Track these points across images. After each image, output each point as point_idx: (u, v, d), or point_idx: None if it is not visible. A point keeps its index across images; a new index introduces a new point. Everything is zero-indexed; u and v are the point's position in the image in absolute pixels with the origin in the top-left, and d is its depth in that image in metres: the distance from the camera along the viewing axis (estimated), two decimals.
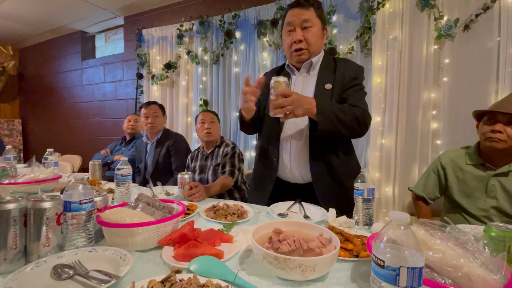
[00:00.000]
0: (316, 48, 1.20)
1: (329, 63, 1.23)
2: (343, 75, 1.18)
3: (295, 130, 1.20)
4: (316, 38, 1.17)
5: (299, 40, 1.16)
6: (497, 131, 1.12)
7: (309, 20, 1.15)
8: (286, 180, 1.25)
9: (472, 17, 1.81)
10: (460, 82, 1.88)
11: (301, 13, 1.15)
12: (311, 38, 1.16)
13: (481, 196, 1.20)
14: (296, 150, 1.20)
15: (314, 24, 1.16)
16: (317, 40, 1.18)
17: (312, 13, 1.15)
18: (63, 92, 4.42)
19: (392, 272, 0.41)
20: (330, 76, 1.19)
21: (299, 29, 1.16)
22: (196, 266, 0.62)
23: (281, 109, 0.99)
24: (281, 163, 1.24)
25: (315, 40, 1.17)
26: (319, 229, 0.73)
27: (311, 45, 1.17)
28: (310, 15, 1.15)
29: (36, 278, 0.59)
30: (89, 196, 0.74)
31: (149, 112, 2.12)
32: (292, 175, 1.22)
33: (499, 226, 0.64)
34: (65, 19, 3.74)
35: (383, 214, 2.11)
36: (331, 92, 1.16)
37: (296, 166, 1.20)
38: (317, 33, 1.17)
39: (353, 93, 1.16)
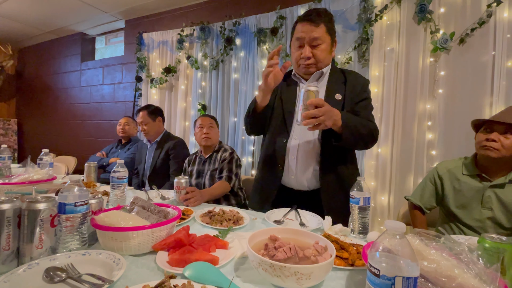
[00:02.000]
0: (325, 63, 1.20)
1: (337, 74, 1.24)
2: (353, 87, 1.19)
3: (303, 137, 1.20)
4: (325, 54, 1.17)
5: (307, 58, 1.16)
6: (491, 139, 1.14)
7: (319, 38, 1.13)
8: (289, 186, 1.24)
9: (468, 31, 1.86)
10: (455, 94, 1.92)
11: (311, 30, 1.13)
12: (319, 55, 1.16)
13: (477, 207, 1.21)
14: (304, 158, 1.19)
15: (324, 41, 1.15)
16: (326, 56, 1.18)
17: (323, 30, 1.13)
18: (61, 93, 4.40)
19: (387, 281, 0.41)
20: (340, 87, 1.20)
21: (308, 46, 1.15)
22: (191, 272, 0.61)
23: (314, 119, 0.96)
24: (286, 169, 1.23)
25: (324, 56, 1.17)
26: (315, 237, 0.73)
27: (320, 61, 1.18)
28: (320, 33, 1.13)
29: (28, 280, 0.58)
30: (85, 198, 0.73)
31: (138, 120, 2.18)
32: (297, 182, 1.21)
33: (493, 237, 0.65)
34: (66, 21, 3.75)
35: (378, 223, 2.11)
36: (342, 103, 1.17)
37: (303, 173, 1.19)
38: (326, 49, 1.17)
39: (364, 107, 1.19)
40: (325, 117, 0.96)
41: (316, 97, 0.97)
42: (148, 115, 2.16)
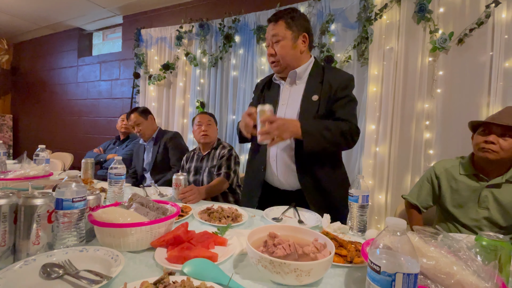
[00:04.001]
0: (289, 60, 1.20)
1: (318, 72, 1.22)
2: (330, 85, 1.16)
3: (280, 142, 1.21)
4: (286, 50, 1.17)
5: (271, 54, 1.21)
6: (490, 142, 1.14)
7: (277, 34, 1.17)
8: (275, 186, 1.27)
9: (466, 31, 1.87)
10: (453, 94, 1.93)
11: (272, 28, 1.19)
12: (279, 51, 1.17)
13: (473, 206, 1.22)
14: (282, 161, 1.21)
15: (283, 36, 1.17)
16: (288, 52, 1.18)
17: (281, 26, 1.17)
18: (57, 89, 4.36)
19: (388, 277, 0.42)
20: (317, 86, 1.18)
21: (271, 44, 1.20)
22: (190, 269, 0.61)
23: (268, 135, 1.00)
24: (269, 170, 1.25)
25: (285, 52, 1.17)
26: (314, 234, 0.73)
27: (282, 58, 1.18)
28: (278, 29, 1.17)
29: (25, 277, 0.57)
30: (82, 194, 0.72)
31: (131, 123, 2.23)
32: (280, 183, 1.24)
33: (490, 235, 0.65)
34: (63, 16, 3.70)
35: (376, 222, 2.12)
36: (318, 103, 1.16)
37: (283, 175, 1.22)
38: (286, 45, 1.17)
39: (341, 105, 1.16)
40: (278, 131, 0.99)
41: (269, 114, 0.98)
42: (140, 115, 2.22)
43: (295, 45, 1.19)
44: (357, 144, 2.19)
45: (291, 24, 1.17)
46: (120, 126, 2.72)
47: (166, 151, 2.18)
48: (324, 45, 2.25)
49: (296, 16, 1.19)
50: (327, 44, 2.25)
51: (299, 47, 1.20)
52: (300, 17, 1.20)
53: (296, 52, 1.20)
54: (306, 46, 1.22)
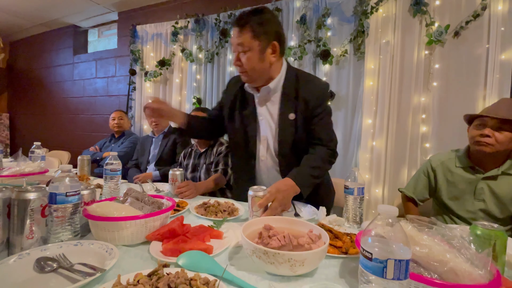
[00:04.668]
0: (258, 73, 1.09)
1: (292, 85, 1.13)
2: (305, 102, 1.10)
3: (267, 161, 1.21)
4: (253, 63, 1.05)
5: (236, 64, 1.09)
6: (485, 135, 1.13)
7: (243, 44, 1.03)
8: None
9: (463, 24, 1.86)
10: (449, 87, 1.92)
11: (237, 35, 1.04)
12: (246, 64, 1.05)
13: (469, 198, 1.22)
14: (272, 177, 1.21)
15: (250, 47, 1.03)
16: (255, 66, 1.05)
17: (247, 35, 1.02)
18: (54, 87, 4.32)
19: (379, 264, 0.42)
20: (293, 103, 1.12)
21: (237, 52, 1.07)
22: (184, 261, 0.61)
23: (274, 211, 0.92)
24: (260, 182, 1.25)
25: (252, 66, 1.05)
26: (309, 226, 0.73)
27: (250, 71, 1.07)
28: (244, 38, 1.03)
29: (19, 270, 0.57)
30: (76, 188, 0.72)
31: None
32: None
33: (485, 225, 0.65)
34: (58, 13, 3.66)
35: (372, 215, 2.13)
36: (295, 122, 1.12)
37: None
38: (253, 57, 1.04)
39: (318, 123, 1.12)
40: (282, 207, 0.95)
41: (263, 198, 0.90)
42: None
43: (263, 58, 1.05)
44: (354, 139, 2.21)
45: (259, 32, 1.03)
46: (112, 125, 2.72)
47: (174, 147, 2.27)
48: (320, 40, 2.24)
49: (264, 21, 1.04)
50: (323, 38, 2.24)
51: (267, 59, 1.06)
52: (269, 21, 1.05)
53: (265, 65, 1.07)
54: (276, 56, 1.08)
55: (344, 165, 2.25)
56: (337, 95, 2.25)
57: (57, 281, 0.56)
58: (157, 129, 2.38)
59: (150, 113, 1.11)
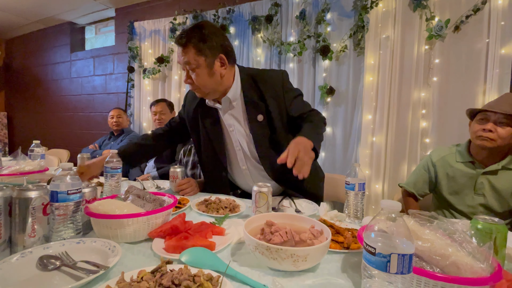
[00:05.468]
0: (210, 87, 1.07)
1: (250, 87, 1.12)
2: (273, 99, 1.10)
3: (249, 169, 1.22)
4: (203, 78, 1.04)
5: (187, 83, 1.08)
6: (488, 130, 1.13)
7: (188, 62, 1.01)
8: None
9: (463, 18, 1.85)
10: (449, 82, 1.92)
11: (180, 54, 1.03)
12: (197, 81, 1.05)
13: (469, 193, 1.23)
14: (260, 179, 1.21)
15: (197, 64, 1.02)
16: (206, 80, 1.04)
17: (191, 52, 1.00)
18: (51, 85, 4.30)
19: (383, 259, 0.42)
20: (259, 105, 1.11)
21: (185, 69, 1.06)
22: (187, 257, 0.61)
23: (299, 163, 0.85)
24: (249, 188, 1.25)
25: (203, 81, 1.04)
26: (311, 222, 0.74)
27: (202, 87, 1.07)
28: (189, 56, 1.01)
29: (22, 269, 0.57)
30: (77, 186, 0.72)
31: (156, 110, 2.35)
32: None
33: (486, 218, 0.66)
34: (54, 10, 3.62)
35: (373, 211, 2.14)
36: (266, 123, 1.12)
37: None
38: (202, 73, 1.03)
39: (294, 104, 1.12)
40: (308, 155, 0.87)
41: (268, 197, 0.87)
42: (167, 106, 2.41)
43: (212, 72, 1.04)
44: (354, 134, 2.21)
45: (202, 48, 1.00)
46: (111, 123, 2.71)
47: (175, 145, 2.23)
48: (320, 35, 2.23)
49: (206, 36, 1.01)
50: (322, 33, 2.22)
51: (217, 72, 1.05)
52: (211, 35, 1.02)
53: (216, 79, 1.06)
54: (226, 67, 1.07)
55: (344, 161, 2.26)
56: (337, 90, 2.24)
57: (61, 279, 0.56)
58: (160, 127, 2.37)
59: None
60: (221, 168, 1.24)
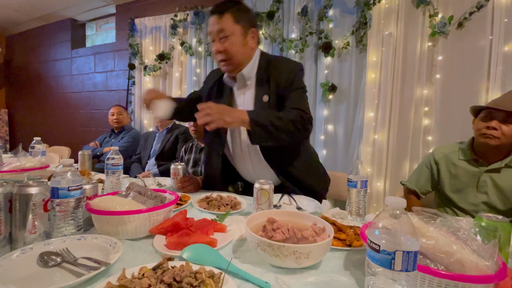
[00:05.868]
0: (241, 57, 1.11)
1: (264, 70, 1.15)
2: (276, 83, 1.11)
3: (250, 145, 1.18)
4: (237, 46, 1.08)
5: (219, 52, 1.09)
6: (492, 127, 1.12)
7: (224, 29, 1.06)
8: None
9: (466, 15, 1.83)
10: (452, 80, 1.91)
11: (216, 22, 1.06)
12: (230, 48, 1.07)
13: (472, 191, 1.22)
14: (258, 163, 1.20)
15: (232, 32, 1.06)
16: (238, 49, 1.08)
17: (228, 20, 1.05)
18: (52, 82, 4.29)
19: (387, 256, 0.41)
20: (266, 85, 1.12)
21: (217, 40, 1.09)
22: (189, 254, 0.61)
23: (207, 117, 0.91)
24: (249, 175, 1.26)
25: (236, 49, 1.08)
26: (313, 219, 0.73)
27: (233, 55, 1.09)
28: (225, 24, 1.05)
29: (22, 265, 0.57)
30: (78, 183, 0.72)
31: None
32: None
33: (490, 216, 0.65)
34: (55, 6, 3.61)
35: (374, 209, 2.13)
36: (269, 104, 1.12)
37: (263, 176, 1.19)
38: (236, 41, 1.07)
39: (291, 97, 1.11)
40: (220, 114, 0.92)
41: (270, 195, 0.88)
42: None
43: (245, 42, 1.10)
44: (356, 132, 2.20)
45: (239, 18, 1.07)
46: (111, 120, 2.71)
47: (175, 142, 2.29)
48: (322, 32, 2.21)
49: (242, 9, 1.09)
50: (325, 30, 2.21)
51: (249, 43, 1.11)
52: (247, 10, 1.11)
53: (247, 50, 1.11)
54: (255, 42, 1.13)
55: (346, 158, 2.25)
56: (338, 88, 2.23)
57: (62, 275, 0.56)
58: (161, 124, 2.38)
59: None
60: (219, 146, 1.23)
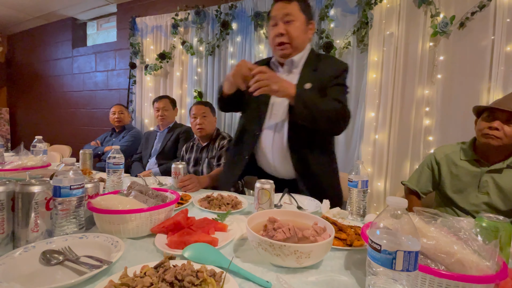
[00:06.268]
0: (299, 43, 1.18)
1: (313, 61, 1.21)
2: (323, 73, 1.16)
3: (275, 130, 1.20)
4: (299, 32, 1.15)
5: (281, 34, 1.15)
6: (494, 128, 1.12)
7: (291, 14, 1.13)
8: (272, 175, 1.28)
9: (468, 15, 1.83)
10: (453, 80, 1.90)
11: (283, 7, 1.14)
12: (293, 32, 1.14)
13: (473, 191, 1.22)
14: (278, 150, 1.20)
15: (297, 18, 1.14)
16: (300, 35, 1.16)
17: (295, 7, 1.14)
18: (53, 81, 4.30)
19: (388, 256, 0.41)
20: (312, 75, 1.17)
21: (281, 23, 1.15)
22: (190, 253, 0.61)
23: (257, 83, 0.99)
24: (264, 159, 1.26)
25: (298, 34, 1.15)
26: (314, 218, 0.73)
27: (293, 39, 1.15)
28: (292, 9, 1.13)
29: (25, 263, 0.57)
30: (80, 181, 0.72)
31: (159, 106, 2.36)
32: (277, 172, 1.25)
33: (490, 217, 0.65)
34: (56, 5, 3.61)
35: (374, 209, 2.13)
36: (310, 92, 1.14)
37: (279, 164, 1.22)
38: (299, 27, 1.15)
39: (333, 90, 1.15)
40: (269, 81, 0.99)
41: (271, 194, 0.88)
42: (170, 102, 2.43)
43: (306, 30, 1.18)
44: (357, 132, 2.20)
45: (305, 8, 1.16)
46: (112, 119, 2.71)
47: (176, 141, 2.29)
48: (323, 31, 2.21)
49: (307, 1, 1.20)
50: (326, 30, 2.20)
51: (309, 33, 1.20)
52: (309, 4, 1.22)
53: (306, 38, 1.19)
54: (312, 34, 1.22)
55: (347, 158, 2.25)
56: None
57: (64, 274, 0.56)
58: (162, 123, 2.38)
59: None
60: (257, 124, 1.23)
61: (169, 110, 2.40)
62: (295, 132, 1.15)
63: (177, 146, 2.27)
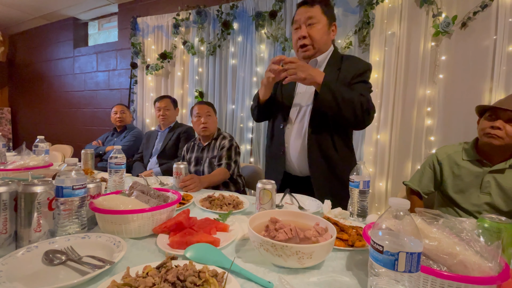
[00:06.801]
0: (321, 45, 1.21)
1: (336, 61, 1.24)
2: (347, 72, 1.19)
3: (296, 122, 1.24)
4: (321, 34, 1.19)
5: (303, 36, 1.19)
6: (496, 127, 1.12)
7: (314, 17, 1.17)
8: (287, 171, 1.29)
9: (470, 14, 1.82)
10: (455, 80, 1.90)
11: (306, 10, 1.19)
12: (315, 34, 1.18)
13: (475, 191, 1.22)
14: (294, 144, 1.23)
15: (319, 20, 1.18)
16: (322, 36, 1.20)
17: (318, 10, 1.18)
18: (54, 81, 4.31)
19: (390, 257, 0.41)
20: (334, 74, 1.20)
21: (304, 26, 1.19)
22: (192, 253, 0.61)
23: (286, 72, 1.06)
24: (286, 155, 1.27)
25: (320, 36, 1.19)
26: (315, 219, 0.73)
27: (316, 41, 1.19)
28: (315, 12, 1.18)
29: (27, 263, 0.57)
30: (82, 182, 0.72)
31: (160, 106, 2.36)
32: (293, 168, 1.26)
33: (493, 217, 0.65)
34: (57, 5, 3.62)
35: (376, 209, 2.13)
36: None
37: (296, 160, 1.23)
38: (322, 30, 1.19)
39: (358, 86, 1.17)
40: (296, 69, 1.05)
41: (272, 195, 0.88)
42: (171, 102, 2.43)
43: (328, 32, 1.22)
44: (358, 132, 2.19)
45: (327, 11, 1.20)
46: (114, 119, 2.72)
47: (177, 141, 2.29)
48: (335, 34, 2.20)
49: (328, 4, 1.24)
50: None
51: (330, 34, 1.24)
52: (331, 6, 1.26)
53: (328, 39, 1.23)
54: (334, 35, 1.26)
55: None
56: None
57: (66, 274, 0.57)
58: (164, 122, 2.39)
59: None
60: (282, 118, 1.28)
61: (170, 110, 2.40)
62: (317, 125, 1.18)
63: (178, 146, 2.27)
